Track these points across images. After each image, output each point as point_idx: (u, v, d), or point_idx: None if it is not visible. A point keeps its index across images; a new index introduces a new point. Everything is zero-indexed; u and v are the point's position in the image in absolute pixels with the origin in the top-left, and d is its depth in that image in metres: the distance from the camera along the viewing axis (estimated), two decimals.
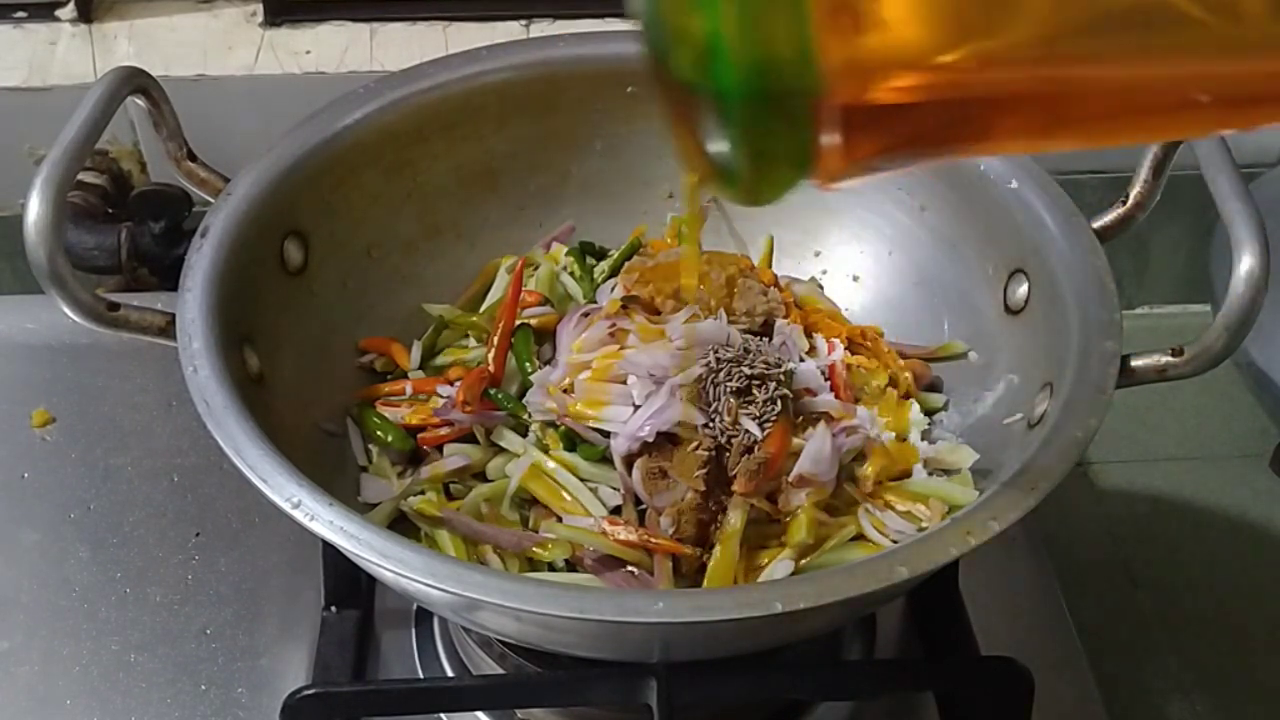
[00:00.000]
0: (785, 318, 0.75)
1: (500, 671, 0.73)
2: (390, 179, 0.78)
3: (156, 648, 0.79)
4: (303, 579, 0.80)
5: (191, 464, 0.88)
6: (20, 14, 1.06)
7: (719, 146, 0.43)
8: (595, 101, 0.82)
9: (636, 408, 0.68)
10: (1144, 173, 0.71)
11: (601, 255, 0.82)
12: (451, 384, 0.74)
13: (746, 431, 0.67)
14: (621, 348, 0.71)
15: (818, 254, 0.84)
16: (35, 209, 0.60)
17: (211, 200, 0.71)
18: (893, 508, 0.69)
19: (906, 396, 0.75)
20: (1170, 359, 0.64)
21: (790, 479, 0.67)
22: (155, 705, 0.76)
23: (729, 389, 0.68)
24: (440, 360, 0.78)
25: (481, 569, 0.62)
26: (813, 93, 0.39)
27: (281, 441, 0.61)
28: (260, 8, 1.07)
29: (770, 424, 0.67)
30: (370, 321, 0.78)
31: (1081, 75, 0.41)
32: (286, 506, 0.58)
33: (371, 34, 1.07)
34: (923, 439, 0.74)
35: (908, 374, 0.76)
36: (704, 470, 0.67)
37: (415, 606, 0.79)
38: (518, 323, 0.75)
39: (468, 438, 0.73)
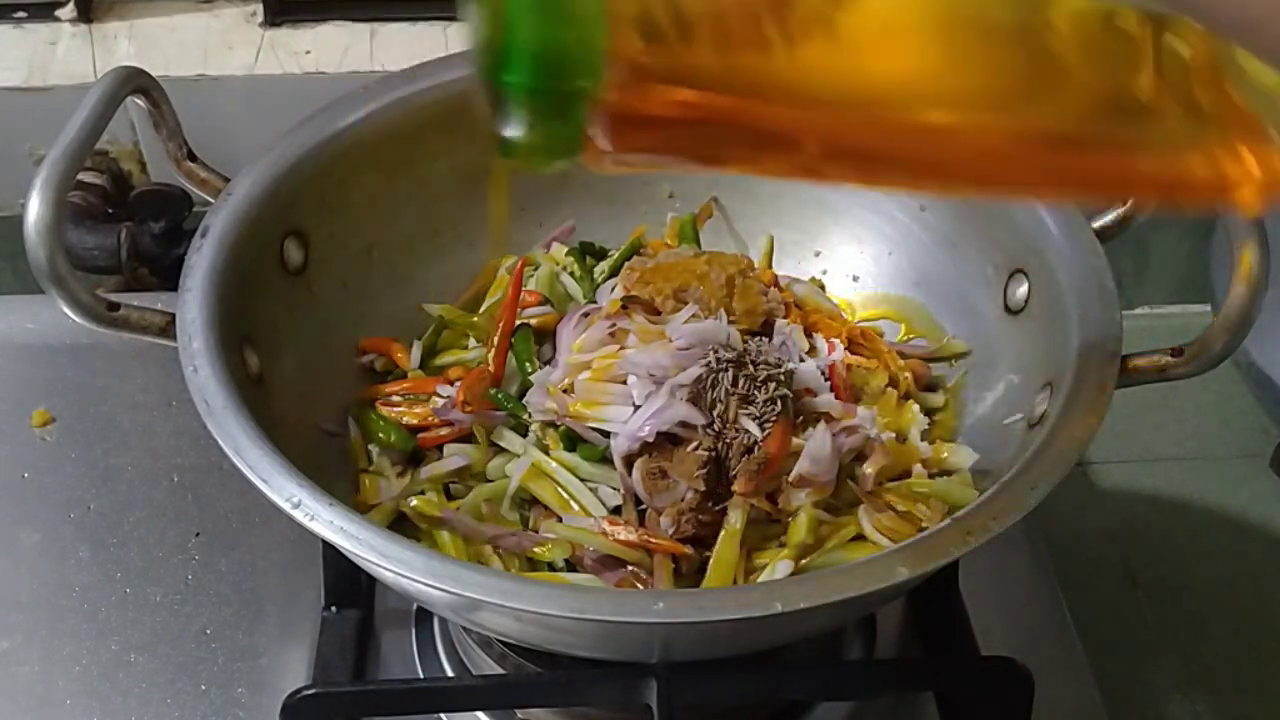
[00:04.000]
0: (785, 318, 0.75)
1: (500, 671, 0.73)
2: (390, 179, 0.78)
3: (156, 648, 0.78)
4: (303, 579, 0.80)
5: (191, 464, 0.88)
6: (20, 14, 1.06)
7: (509, 123, 0.45)
8: None
9: (636, 408, 0.68)
10: None
11: (601, 255, 0.82)
12: (451, 384, 0.74)
13: (746, 431, 0.67)
14: (621, 348, 0.71)
15: (818, 254, 0.84)
16: (35, 209, 0.60)
17: (211, 200, 0.71)
18: (893, 508, 0.69)
19: (906, 396, 0.75)
20: (1170, 359, 0.64)
21: (790, 479, 0.67)
22: (155, 705, 0.76)
23: (729, 389, 0.68)
24: (440, 360, 0.78)
25: (481, 569, 0.62)
26: (590, 93, 0.42)
27: (281, 441, 0.61)
28: (260, 8, 1.07)
29: (770, 424, 0.67)
30: (370, 321, 0.78)
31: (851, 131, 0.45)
32: (286, 506, 0.58)
33: (371, 34, 1.07)
34: (923, 439, 0.74)
35: (908, 374, 0.76)
36: (704, 470, 0.67)
37: (415, 606, 0.79)
38: (518, 323, 0.75)
39: (468, 438, 0.73)
